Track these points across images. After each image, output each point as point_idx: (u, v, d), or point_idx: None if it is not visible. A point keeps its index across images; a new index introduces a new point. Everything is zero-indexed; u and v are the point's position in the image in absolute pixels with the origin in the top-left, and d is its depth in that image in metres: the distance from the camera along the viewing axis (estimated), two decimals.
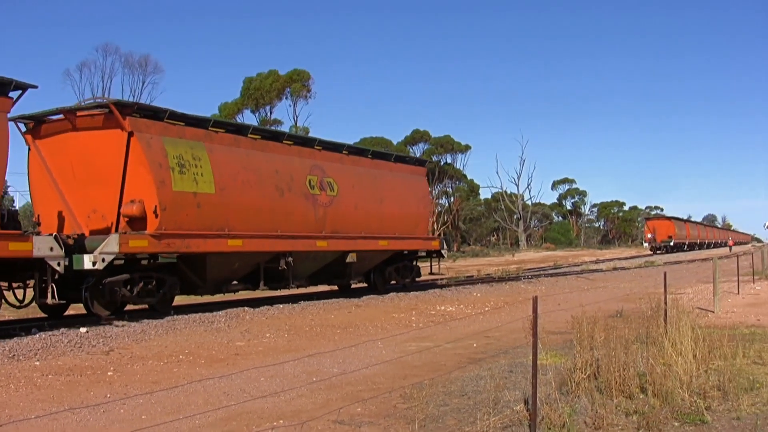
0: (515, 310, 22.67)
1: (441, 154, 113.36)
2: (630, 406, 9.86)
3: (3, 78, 17.34)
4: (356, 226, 28.01)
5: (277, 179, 24.46)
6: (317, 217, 26.01)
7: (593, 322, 12.44)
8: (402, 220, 30.92)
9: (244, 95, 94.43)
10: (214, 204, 21.88)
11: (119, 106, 20.33)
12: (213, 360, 14.73)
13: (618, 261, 70.35)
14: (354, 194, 28.18)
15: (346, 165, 28.56)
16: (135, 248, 19.62)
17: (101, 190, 20.58)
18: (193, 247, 21.23)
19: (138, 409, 10.38)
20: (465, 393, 10.83)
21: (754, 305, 24.52)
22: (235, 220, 22.59)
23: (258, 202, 23.51)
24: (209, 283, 22.91)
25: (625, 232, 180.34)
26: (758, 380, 11.51)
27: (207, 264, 22.22)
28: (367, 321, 20.81)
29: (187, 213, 20.98)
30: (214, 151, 22.30)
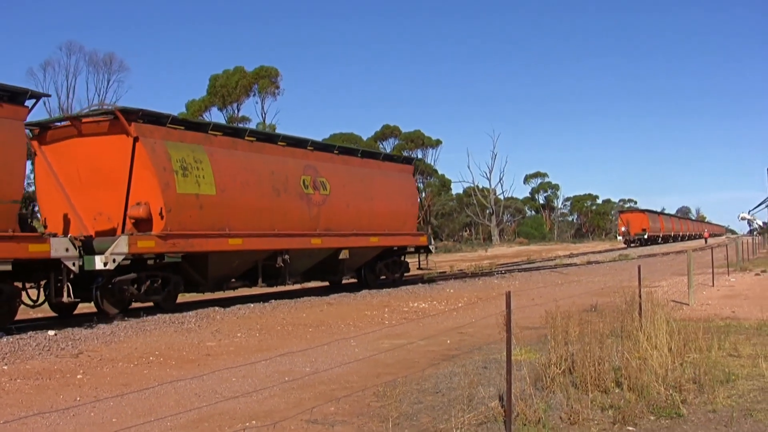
0: (489, 305, 22.63)
1: (411, 150, 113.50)
2: (605, 400, 9.79)
3: (19, 88, 18.38)
4: (348, 223, 28.96)
5: (273, 180, 25.40)
6: (311, 215, 27.04)
7: (567, 317, 12.42)
8: (391, 217, 31.95)
9: (210, 93, 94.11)
10: (215, 205, 22.84)
11: (125, 113, 21.03)
12: (184, 361, 14.57)
13: (592, 255, 70.59)
14: (345, 193, 29.12)
15: (338, 164, 29.48)
16: (143, 249, 20.52)
17: (107, 193, 21.37)
18: (197, 246, 22.14)
19: (108, 412, 10.21)
20: (439, 390, 10.74)
21: (729, 297, 24.60)
22: (235, 219, 23.52)
23: (256, 202, 24.49)
24: (210, 280, 23.74)
25: (599, 225, 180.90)
26: (734, 372, 11.48)
27: (209, 262, 23.02)
28: (339, 319, 20.71)
29: (190, 214, 21.94)
30: (214, 153, 23.24)
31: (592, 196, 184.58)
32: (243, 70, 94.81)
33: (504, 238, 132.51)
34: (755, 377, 11.31)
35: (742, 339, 14.88)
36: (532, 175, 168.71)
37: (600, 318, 14.46)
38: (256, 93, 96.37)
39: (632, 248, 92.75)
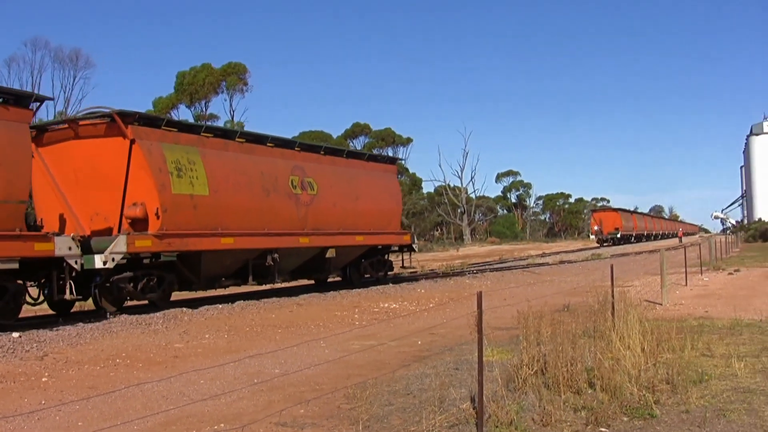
0: (460, 306, 22.57)
1: (382, 148, 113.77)
2: (578, 401, 9.73)
3: (24, 91, 19.68)
4: (335, 222, 29.62)
5: (263, 180, 26.07)
6: (299, 215, 27.71)
7: (540, 317, 12.33)
8: (376, 216, 32.66)
9: (178, 90, 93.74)
10: (209, 205, 23.50)
11: (122, 116, 21.58)
12: (151, 363, 14.39)
13: (564, 254, 70.77)
14: (332, 193, 29.77)
15: (324, 165, 30.11)
16: (140, 248, 21.23)
17: (104, 193, 22.08)
18: (191, 245, 22.83)
19: (74, 415, 10.06)
20: (410, 392, 10.65)
21: (702, 297, 24.63)
22: (227, 219, 24.17)
23: (247, 202, 25.14)
24: (203, 279, 24.42)
25: (572, 224, 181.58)
26: (707, 372, 11.45)
27: (202, 261, 23.67)
28: (309, 320, 20.58)
29: (184, 214, 22.61)
30: (207, 155, 23.93)
31: (564, 195, 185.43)
32: (210, 67, 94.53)
33: (476, 238, 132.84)
34: (728, 377, 11.28)
35: (715, 339, 14.86)
36: (504, 173, 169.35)
37: (572, 318, 14.40)
38: (224, 90, 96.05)
39: (605, 247, 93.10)
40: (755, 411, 9.35)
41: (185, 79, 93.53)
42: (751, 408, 9.49)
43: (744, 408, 9.48)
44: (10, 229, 18.02)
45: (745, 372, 11.54)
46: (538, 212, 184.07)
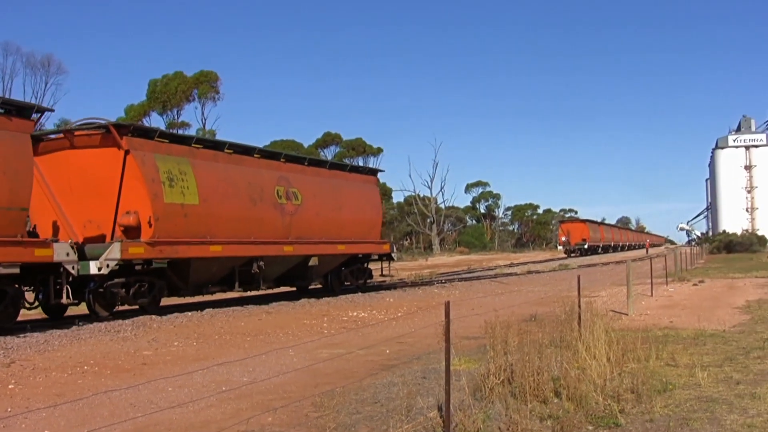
0: (429, 315, 22.61)
1: (353, 157, 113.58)
2: (544, 410, 9.79)
3: (26, 103, 20.43)
4: (318, 232, 30.57)
5: (250, 190, 27.05)
6: (284, 224, 28.70)
7: (507, 327, 12.41)
8: (358, 225, 33.71)
9: (150, 97, 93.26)
10: (199, 214, 24.38)
11: (117, 127, 22.72)
12: (119, 370, 14.32)
13: (532, 264, 71.00)
14: (316, 203, 30.77)
15: (308, 176, 31.12)
16: (133, 255, 22.03)
17: (97, 202, 22.75)
18: (181, 253, 23.65)
19: (41, 423, 9.99)
20: (378, 400, 10.66)
21: (667, 307, 24.83)
22: (215, 228, 25.03)
23: (235, 211, 26.03)
24: (191, 285, 25.23)
25: (540, 235, 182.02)
26: (671, 382, 11.56)
27: (191, 268, 24.45)
28: (277, 328, 20.57)
29: (176, 222, 23.43)
30: (197, 165, 24.81)
31: (533, 206, 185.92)
32: (183, 75, 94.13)
33: (445, 247, 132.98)
34: (692, 386, 11.39)
35: (679, 348, 15.00)
36: (473, 184, 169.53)
37: (539, 328, 14.52)
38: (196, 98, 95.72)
39: (573, 258, 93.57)
40: (718, 420, 9.45)
41: (157, 86, 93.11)
42: (713, 417, 9.59)
43: (707, 417, 9.58)
44: (12, 235, 18.80)
45: (709, 381, 11.67)
46: (506, 223, 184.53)
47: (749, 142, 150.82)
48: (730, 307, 24.32)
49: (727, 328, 18.76)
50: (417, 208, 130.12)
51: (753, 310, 22.87)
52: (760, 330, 18.10)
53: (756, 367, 13.11)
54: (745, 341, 16.22)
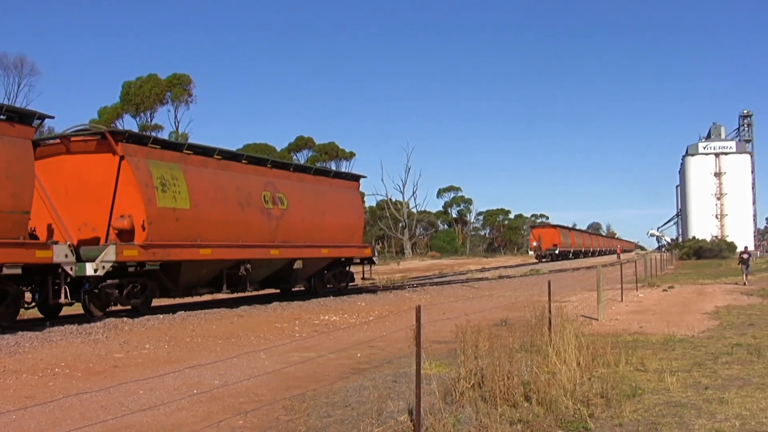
0: (400, 319, 22.64)
1: (325, 161, 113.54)
2: (514, 414, 9.84)
3: (27, 110, 21.06)
4: (303, 236, 31.35)
5: (238, 195, 27.73)
6: (271, 228, 29.41)
7: (477, 331, 12.44)
8: (340, 230, 34.51)
9: (123, 100, 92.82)
10: (190, 218, 25.03)
11: (113, 134, 23.50)
12: (90, 373, 14.28)
13: (503, 269, 71.18)
14: (301, 207, 31.54)
15: (294, 181, 31.91)
16: (128, 257, 22.67)
17: (92, 205, 23.41)
18: (173, 255, 24.30)
19: (11, 425, 9.96)
20: (348, 404, 10.69)
21: (637, 312, 25.00)
22: (206, 231, 25.74)
23: (224, 215, 26.72)
24: (181, 287, 25.88)
25: (511, 240, 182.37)
26: (640, 387, 11.66)
27: (182, 270, 25.08)
28: (249, 331, 20.55)
29: (168, 226, 24.11)
30: (188, 171, 25.54)
31: (504, 211, 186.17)
32: (156, 78, 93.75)
33: (416, 252, 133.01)
34: (661, 391, 11.49)
35: (649, 354, 15.12)
36: (445, 188, 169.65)
37: (510, 332, 14.57)
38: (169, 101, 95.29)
39: (544, 263, 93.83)
40: (686, 424, 9.54)
41: (131, 89, 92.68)
42: (682, 422, 9.68)
43: (675, 422, 9.67)
44: (14, 237, 19.55)
45: (677, 386, 11.77)
46: (478, 227, 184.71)
47: (719, 150, 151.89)
48: (699, 312, 24.51)
49: (696, 333, 18.92)
50: (389, 212, 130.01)
51: (722, 316, 23.06)
52: (729, 336, 18.27)
53: (724, 372, 13.24)
54: (714, 347, 16.37)
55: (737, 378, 12.69)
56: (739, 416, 9.93)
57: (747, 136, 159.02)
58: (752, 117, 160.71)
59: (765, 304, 26.87)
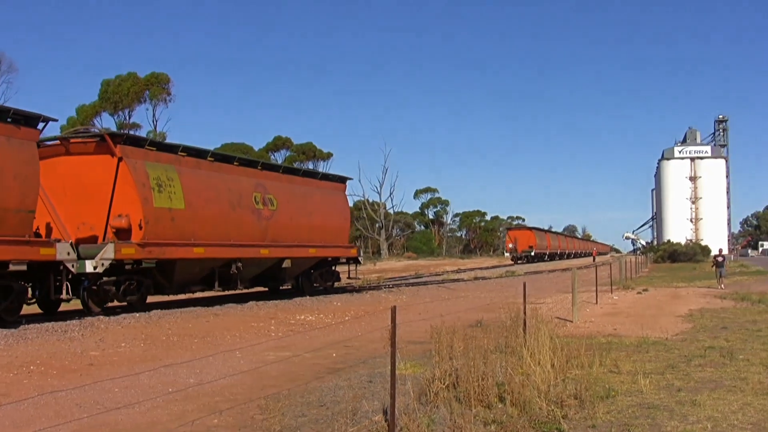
0: (375, 319, 22.66)
1: (303, 162, 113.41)
2: (488, 415, 9.88)
3: (33, 113, 21.36)
4: (291, 236, 32.23)
5: (230, 196, 28.60)
6: (261, 228, 30.30)
7: (452, 332, 12.49)
8: (327, 230, 35.38)
9: (102, 98, 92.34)
10: (184, 218, 25.84)
11: (112, 136, 24.36)
12: (66, 370, 14.24)
13: (479, 271, 71.33)
14: (289, 208, 32.47)
15: (283, 183, 32.89)
16: (126, 255, 23.40)
17: (91, 205, 24.13)
18: (168, 254, 25.13)
19: None
20: (323, 403, 10.72)
21: (611, 315, 25.12)
22: (199, 231, 26.58)
23: (216, 215, 27.59)
24: (175, 284, 26.71)
25: (487, 241, 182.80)
26: (614, 388, 11.72)
27: (176, 268, 25.91)
28: (225, 330, 20.53)
29: (164, 225, 24.92)
30: (183, 172, 26.38)
31: (480, 213, 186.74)
32: (136, 76, 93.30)
33: (393, 252, 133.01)
34: (634, 393, 11.57)
35: (622, 356, 15.19)
36: (422, 190, 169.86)
37: (485, 334, 14.59)
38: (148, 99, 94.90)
39: (519, 265, 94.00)
40: (658, 426, 9.62)
41: (110, 87, 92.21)
42: (654, 423, 9.76)
43: (648, 423, 9.75)
44: (21, 235, 20.25)
45: (651, 388, 11.85)
46: (454, 229, 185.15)
47: (694, 154, 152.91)
48: (673, 315, 24.65)
49: (669, 336, 19.04)
50: (366, 213, 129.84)
51: (695, 319, 23.21)
52: (702, 338, 18.39)
53: (697, 374, 13.34)
54: (687, 349, 16.47)
55: (710, 380, 12.79)
56: (711, 418, 10.01)
57: (722, 141, 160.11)
58: (727, 122, 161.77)
59: (738, 308, 27.02)
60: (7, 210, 19.85)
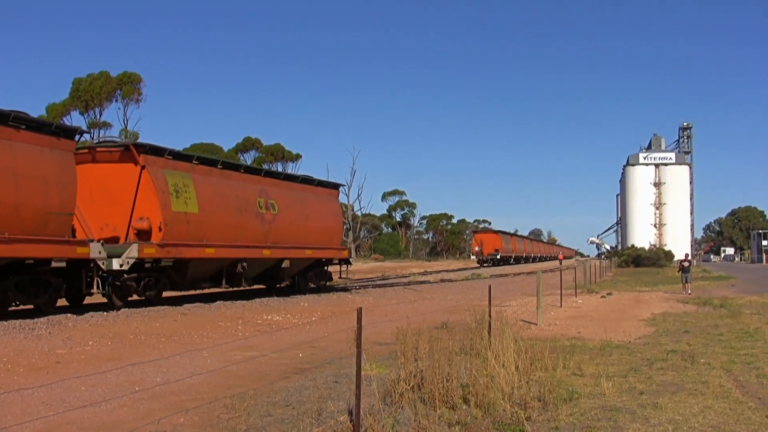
0: (342, 320, 22.72)
1: (272, 163, 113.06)
2: (452, 416, 9.97)
3: (71, 126, 25.26)
4: (290, 238, 34.61)
5: (237, 201, 31.02)
6: (264, 231, 32.73)
7: (418, 334, 12.57)
8: (322, 233, 37.89)
9: (73, 96, 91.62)
10: (198, 221, 28.18)
11: (136, 147, 26.77)
12: (32, 368, 14.18)
13: (446, 273, 71.45)
14: (289, 213, 34.94)
15: (283, 189, 35.35)
16: (147, 254, 25.52)
17: (114, 208, 26.43)
18: (183, 253, 27.30)
19: None
20: (289, 403, 10.76)
21: (575, 318, 25.32)
22: (210, 233, 28.86)
23: (225, 219, 30.00)
24: (188, 281, 29.12)
25: (453, 244, 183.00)
26: (577, 391, 11.84)
27: (189, 267, 28.15)
28: (192, 330, 20.52)
29: (180, 228, 27.18)
30: (196, 180, 28.78)
31: (447, 216, 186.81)
32: (108, 75, 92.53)
33: (360, 254, 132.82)
34: (597, 395, 11.70)
35: (586, 359, 15.32)
36: (390, 192, 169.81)
37: (450, 335, 14.73)
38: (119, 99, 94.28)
39: (485, 268, 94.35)
40: (620, 428, 9.74)
41: (81, 85, 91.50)
42: (616, 425, 9.89)
43: (610, 425, 9.88)
44: (61, 236, 22.45)
45: (613, 391, 11.99)
46: (421, 231, 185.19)
47: (659, 160, 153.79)
48: (636, 319, 24.89)
49: (632, 339, 19.24)
50: None
51: (658, 323, 23.44)
52: (664, 342, 18.59)
53: (659, 378, 13.50)
54: (650, 353, 16.65)
55: (671, 384, 12.94)
56: (672, 421, 10.15)
57: (686, 148, 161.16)
58: (692, 129, 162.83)
59: (700, 312, 27.31)
60: (50, 213, 22.00)
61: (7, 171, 20.78)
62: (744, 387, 12.73)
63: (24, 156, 21.45)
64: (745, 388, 12.60)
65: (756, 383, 13.14)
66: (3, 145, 20.81)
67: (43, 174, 21.95)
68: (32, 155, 21.74)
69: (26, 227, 21.16)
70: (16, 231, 20.76)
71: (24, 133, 21.53)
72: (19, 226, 20.93)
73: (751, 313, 26.06)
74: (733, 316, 25.04)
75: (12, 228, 20.65)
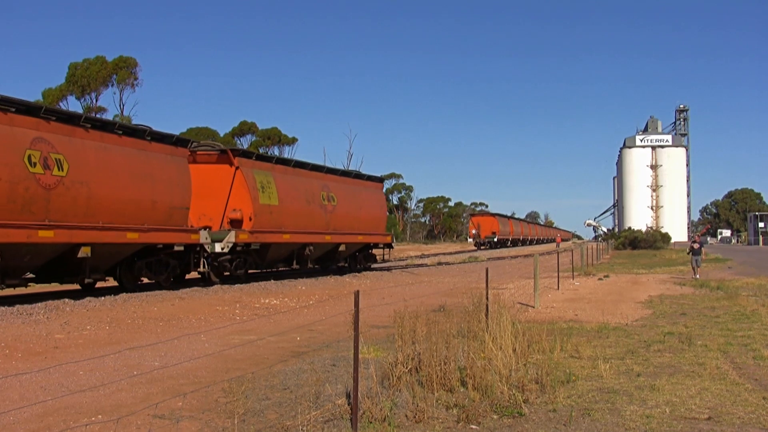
0: (339, 303, 22.75)
1: (268, 147, 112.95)
2: (450, 399, 9.98)
3: (185, 137, 30.41)
4: (346, 225, 39.47)
5: (306, 194, 36.15)
6: (326, 219, 37.59)
7: (415, 317, 12.59)
8: (370, 221, 42.94)
9: (69, 81, 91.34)
10: (278, 211, 33.18)
11: (232, 151, 32.15)
12: (30, 353, 14.18)
13: (443, 256, 71.46)
14: (345, 204, 39.88)
15: (340, 183, 40.45)
16: (241, 239, 30.43)
17: (211, 201, 31.15)
18: (267, 238, 32.35)
19: None
20: (287, 387, 10.77)
21: (572, 300, 25.32)
22: (286, 222, 33.70)
23: (298, 209, 34.96)
24: (266, 262, 34.12)
25: (450, 227, 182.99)
26: (574, 373, 11.88)
27: (269, 250, 33.13)
28: (190, 313, 20.53)
29: (265, 217, 32.09)
30: (276, 177, 33.85)
31: (444, 199, 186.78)
32: (104, 60, 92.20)
33: None
34: (594, 378, 11.72)
35: (583, 341, 15.34)
36: (386, 175, 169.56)
37: (447, 318, 14.68)
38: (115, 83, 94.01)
39: (482, 250, 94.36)
40: (618, 410, 9.76)
41: (77, 70, 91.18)
42: (614, 407, 9.91)
43: (608, 407, 9.89)
44: (181, 225, 27.46)
45: (610, 373, 12.02)
46: (418, 215, 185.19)
47: (655, 143, 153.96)
48: (633, 301, 24.89)
49: (629, 322, 19.25)
50: None
51: (654, 305, 23.44)
52: (661, 324, 18.61)
53: (656, 360, 13.52)
54: (647, 335, 16.67)
55: (668, 366, 12.97)
56: (670, 403, 10.18)
57: (683, 130, 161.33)
58: (688, 111, 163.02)
59: (697, 294, 27.31)
60: (174, 207, 26.98)
61: (146, 175, 25.75)
62: (741, 369, 12.76)
63: (156, 162, 26.41)
64: (741, 370, 12.62)
65: (752, 365, 13.16)
66: (142, 156, 25.80)
67: (169, 176, 27.00)
68: (161, 162, 26.71)
69: (159, 219, 26.19)
70: (152, 222, 25.80)
71: (154, 144, 26.62)
72: (154, 218, 25.95)
73: (747, 295, 26.02)
74: (730, 299, 25.05)
75: (149, 220, 25.68)
